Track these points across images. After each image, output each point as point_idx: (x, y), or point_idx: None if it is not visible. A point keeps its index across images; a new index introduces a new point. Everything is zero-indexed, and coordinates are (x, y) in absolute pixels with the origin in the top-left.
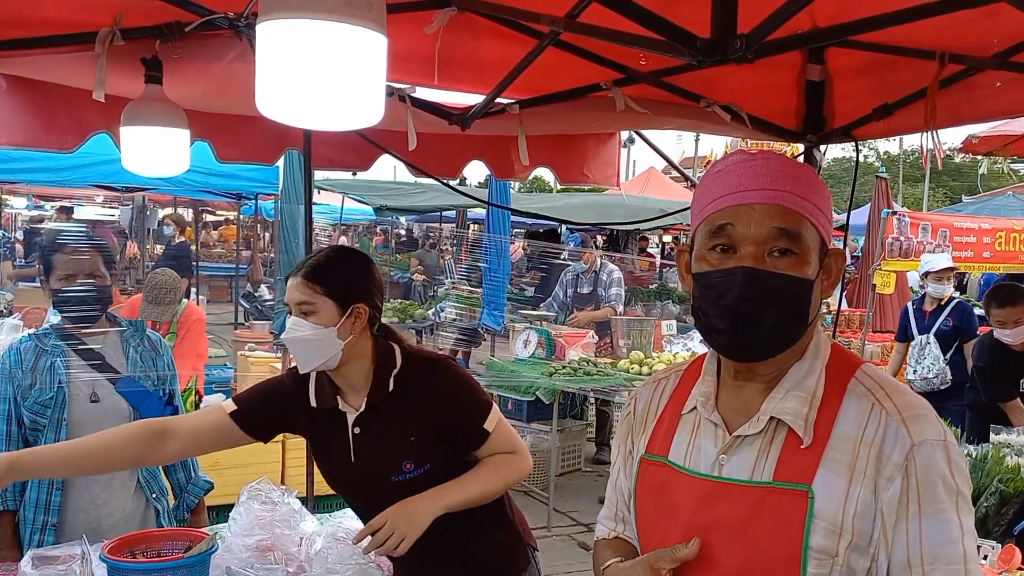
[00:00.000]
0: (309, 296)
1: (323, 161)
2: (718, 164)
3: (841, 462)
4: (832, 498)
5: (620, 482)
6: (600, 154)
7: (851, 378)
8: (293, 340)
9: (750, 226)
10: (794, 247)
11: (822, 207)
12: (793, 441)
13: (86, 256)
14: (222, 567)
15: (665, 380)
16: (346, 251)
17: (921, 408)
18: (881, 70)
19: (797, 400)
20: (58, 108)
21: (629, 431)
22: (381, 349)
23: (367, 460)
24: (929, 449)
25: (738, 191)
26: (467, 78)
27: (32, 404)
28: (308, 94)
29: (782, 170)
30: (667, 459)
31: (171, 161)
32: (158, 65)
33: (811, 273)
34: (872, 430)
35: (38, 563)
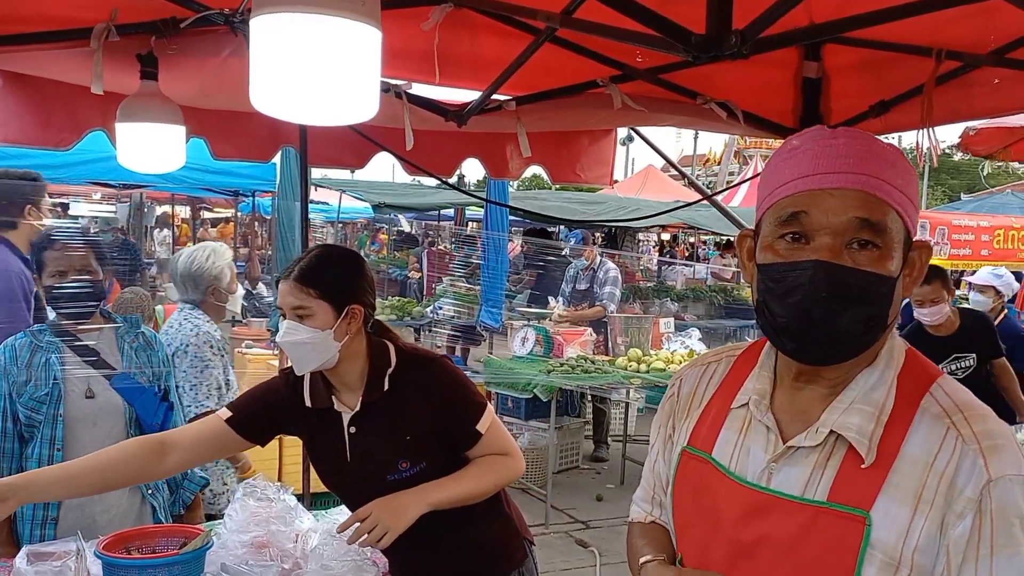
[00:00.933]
0: (303, 300)
1: (319, 159)
2: (793, 140)
3: (906, 489)
4: (892, 528)
5: (659, 466)
6: (594, 153)
7: (925, 394)
8: (289, 343)
9: (828, 214)
10: (877, 240)
11: (910, 194)
12: (854, 459)
13: (78, 252)
14: (217, 564)
15: (716, 364)
16: (336, 251)
17: (1002, 438)
18: (878, 67)
19: (863, 415)
20: (54, 106)
21: (671, 414)
22: (376, 348)
23: (363, 459)
24: (1008, 485)
25: (815, 173)
26: (464, 74)
27: (27, 400)
28: (302, 89)
29: (867, 150)
30: (711, 456)
31: (167, 157)
32: (153, 61)
33: (894, 269)
34: (945, 458)
35: (33, 559)
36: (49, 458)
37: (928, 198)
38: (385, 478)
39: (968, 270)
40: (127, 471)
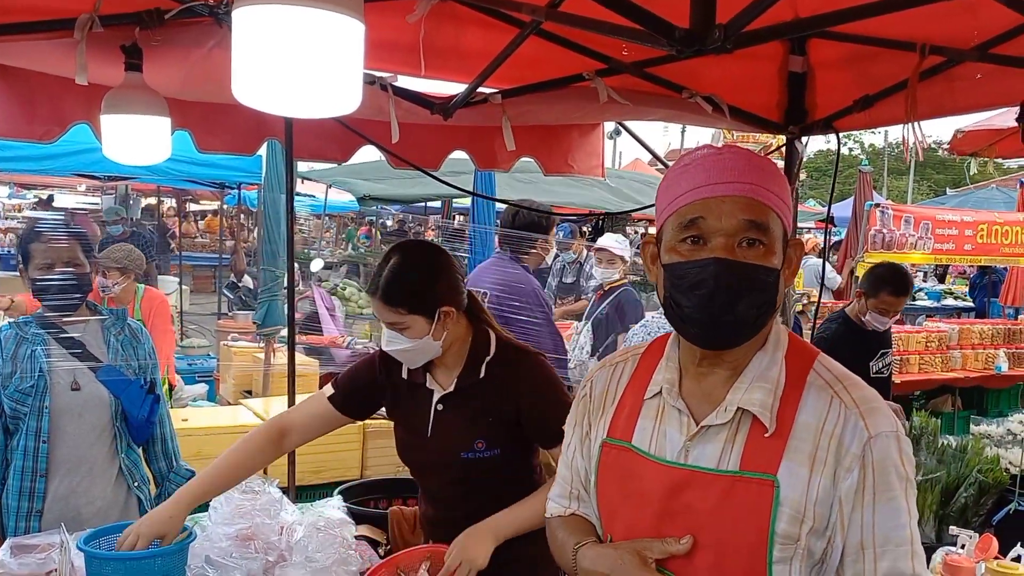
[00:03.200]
0: (395, 318)
1: (304, 151)
2: (685, 158)
3: (803, 452)
4: (796, 486)
5: (576, 462)
6: (584, 144)
7: (810, 369)
8: (393, 351)
9: (721, 218)
10: (762, 237)
11: (784, 198)
12: (757, 430)
13: (64, 244)
14: (202, 556)
15: (623, 363)
16: (412, 257)
17: (876, 401)
18: (863, 62)
19: (763, 391)
20: (39, 99)
21: (585, 413)
22: (478, 335)
23: (442, 436)
24: (884, 441)
25: (708, 184)
26: (449, 67)
27: (12, 392)
28: (285, 81)
29: (748, 163)
30: (631, 444)
31: (152, 149)
32: (138, 52)
33: (777, 262)
34: (832, 422)
35: (16, 551)
36: (35, 450)
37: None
38: (459, 455)
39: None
40: (257, 462)
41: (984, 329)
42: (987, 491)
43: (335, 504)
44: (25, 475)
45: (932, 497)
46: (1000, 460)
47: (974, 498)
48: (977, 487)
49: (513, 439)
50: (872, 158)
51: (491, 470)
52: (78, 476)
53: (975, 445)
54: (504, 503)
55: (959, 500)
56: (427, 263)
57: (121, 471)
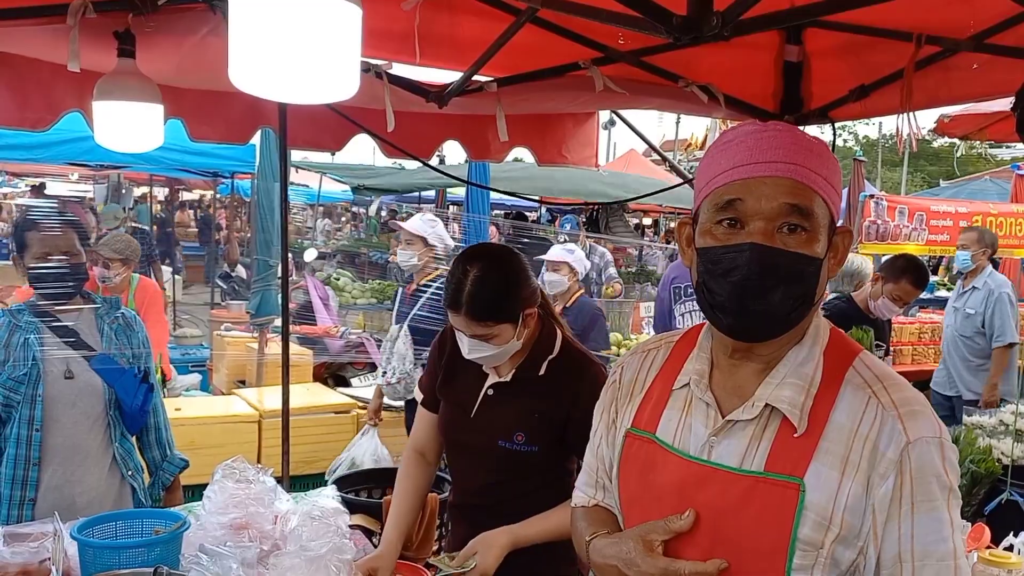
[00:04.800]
0: (484, 331)
1: (298, 140)
2: (727, 134)
3: (835, 454)
4: (823, 491)
5: (602, 450)
6: (578, 134)
7: (849, 367)
8: (478, 358)
9: (760, 201)
10: (805, 223)
11: (833, 182)
12: (787, 429)
13: (60, 233)
14: (196, 545)
15: (655, 351)
16: (493, 267)
17: (918, 404)
18: (858, 51)
19: (794, 388)
20: (30, 87)
21: (613, 399)
22: (544, 334)
23: (485, 420)
24: (924, 447)
25: (748, 163)
26: (444, 55)
27: (5, 380)
28: (281, 66)
29: (794, 142)
30: (655, 436)
31: (145, 137)
32: (131, 39)
33: (820, 251)
34: (868, 424)
35: (10, 540)
36: (28, 438)
37: (907, 184)
38: (496, 442)
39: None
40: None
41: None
42: (979, 481)
43: (329, 493)
44: (18, 463)
45: None
46: (992, 450)
47: (966, 488)
48: (969, 477)
49: (554, 441)
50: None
51: (525, 465)
52: (72, 465)
53: (968, 435)
54: (532, 502)
55: None
56: (507, 271)
57: (115, 460)
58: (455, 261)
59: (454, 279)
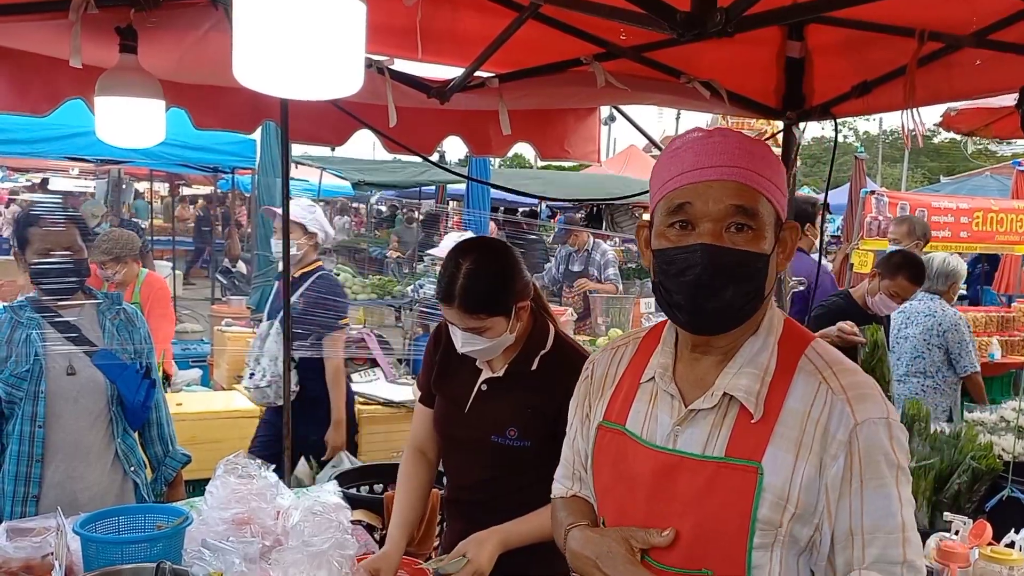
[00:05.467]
0: (476, 323)
1: (299, 135)
2: (675, 141)
3: (789, 438)
4: (780, 473)
5: (577, 443)
6: (580, 130)
7: (802, 355)
8: (471, 351)
9: (708, 203)
10: (751, 223)
11: (777, 182)
12: (745, 416)
13: (62, 229)
14: (198, 540)
15: (624, 347)
16: (486, 261)
17: (866, 387)
18: (860, 47)
19: (750, 377)
20: (31, 74)
21: (587, 395)
22: (536, 328)
23: (479, 415)
24: (872, 427)
25: (695, 168)
26: (446, 51)
27: (8, 376)
28: (285, 62)
29: (739, 147)
30: (625, 427)
31: (146, 132)
32: (133, 34)
33: (767, 248)
34: (819, 408)
35: (13, 535)
36: (31, 435)
37: (907, 180)
38: (490, 438)
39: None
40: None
41: (978, 317)
42: (980, 478)
43: (331, 489)
44: (21, 460)
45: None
46: (993, 447)
47: (967, 485)
48: (970, 474)
49: (547, 436)
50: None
51: (519, 461)
52: (74, 461)
53: (968, 432)
54: (527, 497)
55: (952, 487)
56: (500, 264)
57: (117, 456)
58: (448, 254)
59: (447, 272)
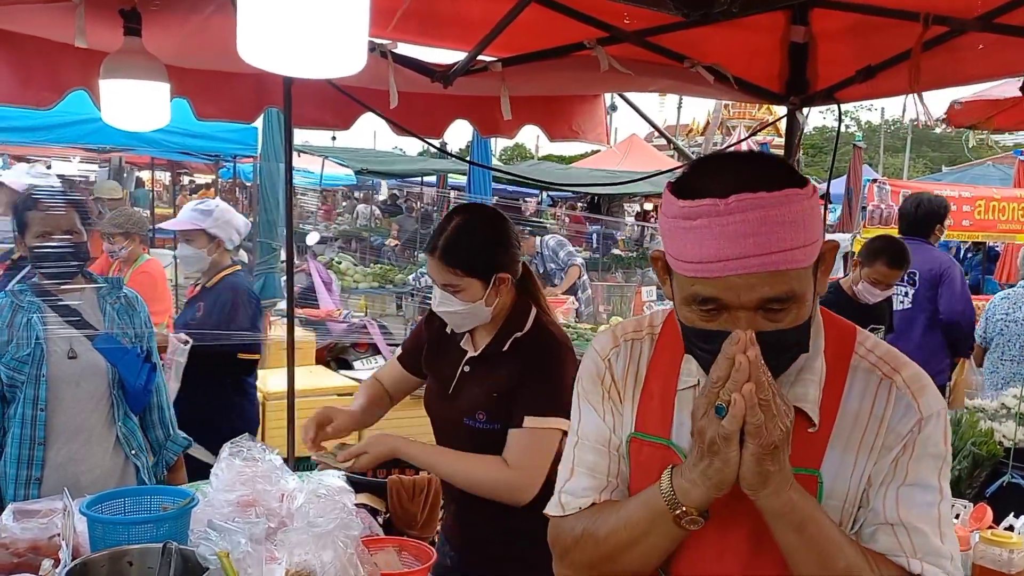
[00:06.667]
0: (452, 279)
1: (303, 120)
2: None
3: (849, 439)
4: (839, 477)
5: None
6: (588, 112)
7: (851, 353)
8: (444, 312)
9: (738, 296)
10: (786, 305)
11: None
12: (801, 423)
13: (62, 212)
14: (204, 521)
15: (639, 341)
16: (476, 219)
17: (924, 379)
18: (865, 32)
19: (810, 384)
20: (34, 64)
21: (608, 395)
22: (516, 310)
23: (459, 397)
24: (935, 421)
25: (717, 260)
26: (449, 34)
27: (9, 360)
28: (289, 40)
29: (762, 221)
30: (671, 442)
31: (151, 115)
32: (137, 17)
33: (808, 308)
34: (881, 404)
35: (19, 516)
36: (32, 418)
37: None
38: (463, 420)
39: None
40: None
41: (979, 305)
42: (981, 464)
43: (334, 473)
44: (23, 443)
45: None
46: (994, 433)
47: (968, 470)
48: (971, 460)
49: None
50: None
51: (492, 443)
52: (76, 444)
53: (970, 419)
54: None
55: (954, 472)
56: (489, 227)
57: (118, 439)
58: (447, 213)
59: (439, 226)
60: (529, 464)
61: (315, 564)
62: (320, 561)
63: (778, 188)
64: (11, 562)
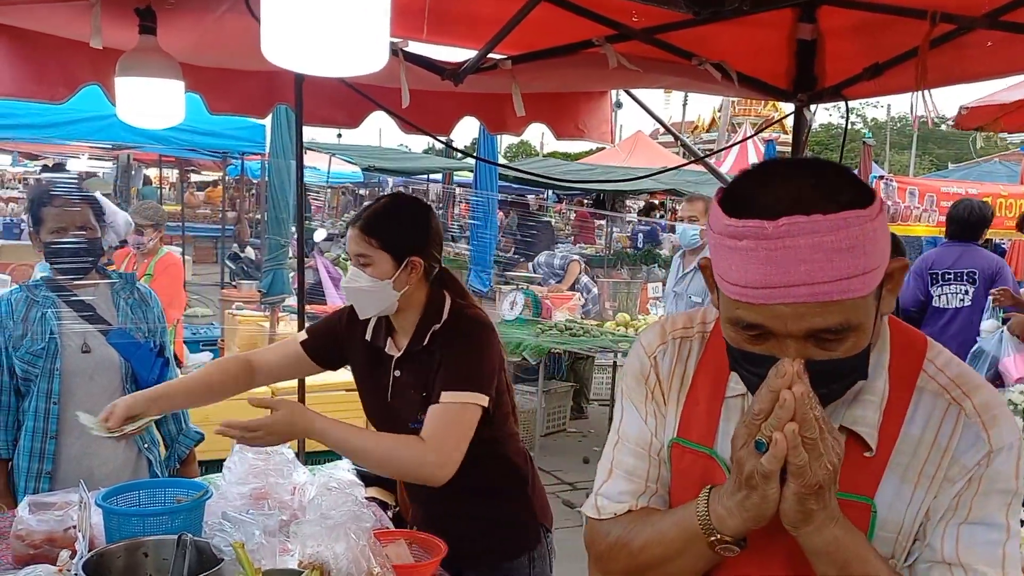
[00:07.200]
0: (365, 249)
1: (313, 118)
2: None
3: (908, 467)
4: (895, 507)
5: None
6: (594, 111)
7: (919, 371)
8: (351, 290)
9: (786, 324)
10: (840, 336)
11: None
12: (857, 447)
13: (76, 208)
14: (217, 513)
15: (689, 340)
16: (404, 201)
17: (998, 407)
18: (872, 29)
19: (869, 406)
20: (48, 59)
21: (652, 395)
22: (431, 302)
23: (397, 402)
24: (1005, 455)
25: (764, 287)
26: (459, 32)
27: (24, 354)
28: (313, 40)
29: (813, 248)
30: (714, 452)
31: (166, 112)
32: (152, 15)
33: (866, 337)
34: (947, 433)
35: (35, 509)
36: (46, 412)
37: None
38: (408, 424)
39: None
40: (227, 385)
41: None
42: None
43: (345, 466)
44: (36, 436)
45: None
46: None
47: None
48: None
49: None
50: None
51: None
52: (89, 437)
53: None
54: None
55: None
56: (415, 210)
57: None
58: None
59: (368, 204)
60: (444, 439)
61: (328, 556)
62: (333, 553)
63: (836, 209)
64: (27, 554)
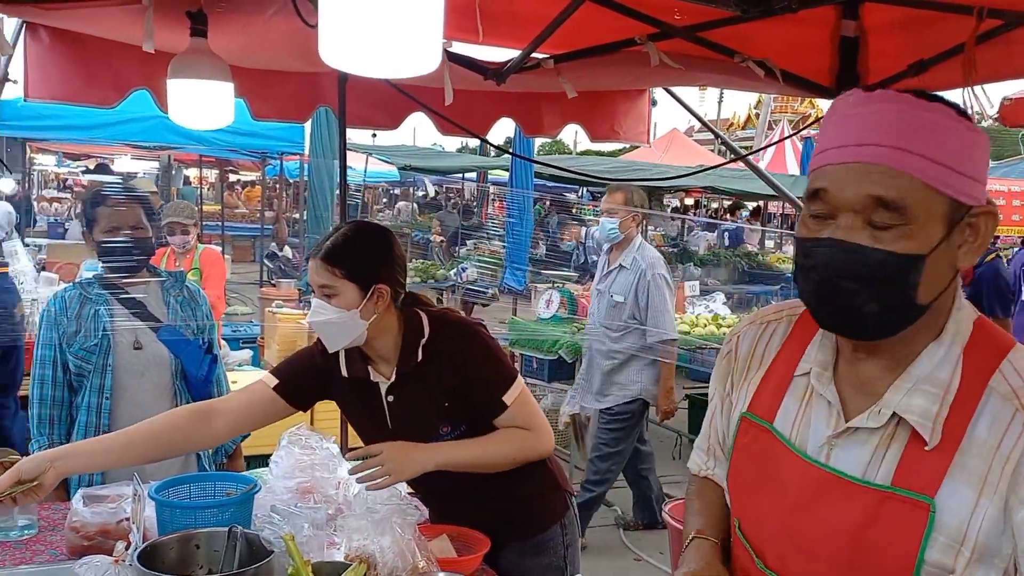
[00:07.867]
0: (329, 280)
1: (354, 119)
2: (835, 104)
3: (972, 471)
4: (957, 512)
5: (717, 422)
6: (630, 111)
7: (994, 371)
8: (317, 323)
9: (844, 189)
10: (896, 220)
11: (952, 162)
12: (918, 441)
13: (128, 208)
14: (266, 506)
15: (776, 323)
16: (365, 229)
17: None
18: (917, 26)
19: (927, 396)
20: (98, 64)
21: (728, 373)
22: (408, 321)
23: (403, 426)
24: None
25: (840, 146)
26: (502, 32)
27: (77, 350)
28: (370, 42)
29: (899, 118)
30: (772, 426)
31: (217, 114)
32: (203, 18)
33: (922, 247)
34: (1011, 441)
35: (89, 501)
36: (98, 406)
37: None
38: (428, 441)
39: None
40: (174, 439)
41: None
42: None
43: None
44: (88, 431)
45: None
46: None
47: None
48: None
49: (476, 409)
50: None
51: None
52: None
53: None
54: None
55: None
56: (376, 237)
57: None
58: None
59: (327, 233)
60: (538, 422)
61: (374, 549)
62: (379, 546)
63: (931, 100)
64: (81, 545)
